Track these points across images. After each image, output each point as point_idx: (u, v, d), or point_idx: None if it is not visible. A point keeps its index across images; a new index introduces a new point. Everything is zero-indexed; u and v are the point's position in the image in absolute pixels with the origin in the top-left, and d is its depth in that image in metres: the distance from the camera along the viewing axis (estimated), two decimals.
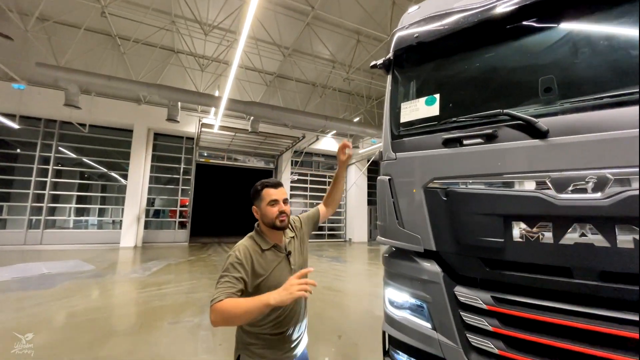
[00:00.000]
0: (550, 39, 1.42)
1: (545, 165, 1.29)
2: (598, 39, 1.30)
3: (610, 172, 1.14)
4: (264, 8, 8.67)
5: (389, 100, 1.96)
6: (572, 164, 1.24)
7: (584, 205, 1.19)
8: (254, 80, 11.58)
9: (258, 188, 1.46)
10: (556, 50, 1.40)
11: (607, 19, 1.29)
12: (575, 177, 1.22)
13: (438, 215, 1.55)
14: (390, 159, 1.81)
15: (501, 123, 1.44)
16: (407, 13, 2.09)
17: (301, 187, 15.10)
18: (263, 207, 1.42)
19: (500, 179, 1.39)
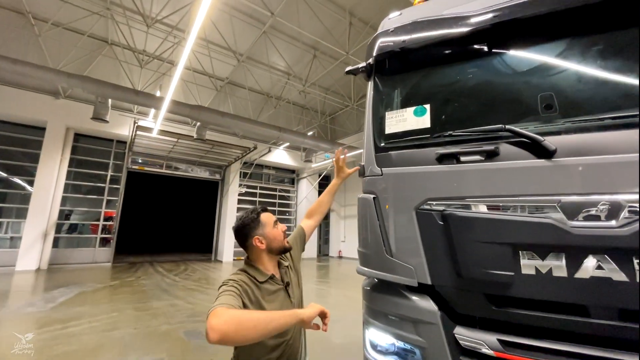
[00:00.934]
0: (551, 51, 1.35)
1: (554, 189, 1.17)
2: (604, 52, 1.25)
3: (624, 198, 1.05)
4: (219, 10, 8.17)
5: (370, 109, 1.74)
6: (582, 188, 1.13)
7: (598, 235, 1.07)
8: (203, 83, 10.76)
9: (254, 216, 1.29)
10: (559, 65, 1.33)
11: (609, 32, 1.26)
12: (586, 203, 1.11)
13: (434, 243, 1.34)
14: (375, 174, 1.56)
15: (502, 140, 1.30)
16: (387, 18, 1.93)
17: (249, 201, 14.29)
18: (269, 231, 1.28)
19: (505, 202, 1.23)
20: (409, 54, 1.66)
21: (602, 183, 1.09)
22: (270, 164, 14.79)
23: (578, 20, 1.27)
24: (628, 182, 1.05)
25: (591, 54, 1.26)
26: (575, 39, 1.30)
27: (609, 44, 1.23)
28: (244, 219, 1.28)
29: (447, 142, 1.42)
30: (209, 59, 9.11)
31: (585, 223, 1.09)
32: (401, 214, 1.43)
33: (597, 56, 1.24)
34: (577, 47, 1.29)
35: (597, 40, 1.25)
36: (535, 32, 1.36)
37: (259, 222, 1.27)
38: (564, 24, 1.30)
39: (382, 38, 1.74)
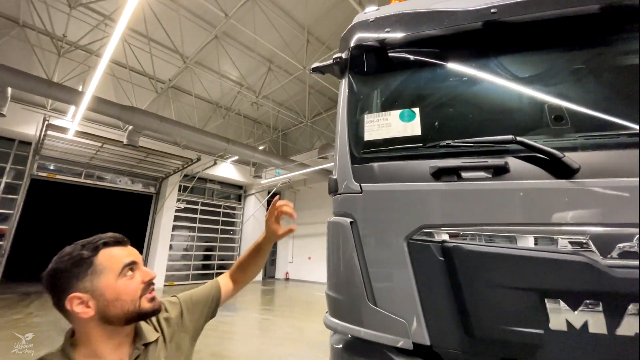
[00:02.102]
0: (562, 55, 1.18)
1: (579, 217, 0.93)
2: (628, 56, 1.09)
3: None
4: (166, 6, 7.42)
5: (345, 111, 1.40)
6: (613, 217, 0.91)
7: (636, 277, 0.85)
8: (142, 84, 9.57)
9: (81, 256, 0.73)
10: (570, 70, 1.16)
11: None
12: (620, 236, 0.89)
13: (433, 286, 1.00)
14: (352, 191, 1.19)
15: (510, 154, 1.06)
16: (363, 12, 1.66)
17: (188, 218, 12.88)
18: (109, 284, 0.73)
19: (522, 232, 0.95)
20: (393, 48, 1.38)
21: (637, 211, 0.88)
22: (215, 178, 13.68)
23: (596, 22, 1.12)
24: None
25: (612, 58, 1.10)
26: (590, 42, 1.14)
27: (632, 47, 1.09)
28: (60, 258, 0.73)
29: (444, 155, 1.14)
30: (149, 58, 8.12)
31: (622, 262, 0.86)
32: (388, 245, 1.08)
33: (620, 60, 1.09)
34: (593, 50, 1.14)
35: (619, 42, 1.10)
36: (543, 34, 1.19)
37: (89, 267, 0.72)
38: (578, 27, 1.14)
39: (361, 28, 1.45)
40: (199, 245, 13.24)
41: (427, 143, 1.16)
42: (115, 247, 0.78)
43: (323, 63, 1.71)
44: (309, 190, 15.03)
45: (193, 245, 12.95)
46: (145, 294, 0.78)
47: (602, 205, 0.91)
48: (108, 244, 0.77)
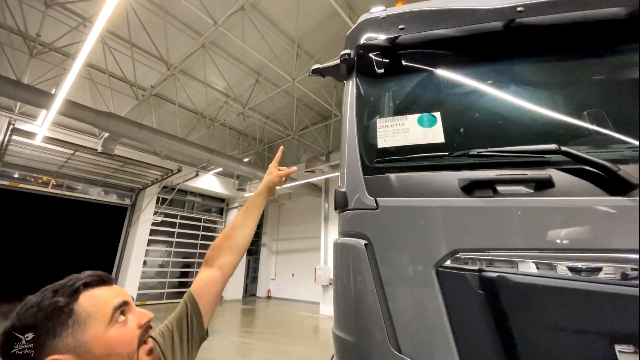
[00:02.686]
0: (600, 58, 1.07)
1: None
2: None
3: None
4: (151, 12, 7.21)
5: (353, 114, 1.22)
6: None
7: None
8: (122, 90, 9.16)
9: (60, 302, 0.55)
10: (611, 75, 1.04)
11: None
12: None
13: (471, 327, 0.80)
14: (366, 207, 1.00)
15: (553, 166, 0.91)
16: (368, 13, 1.53)
17: (166, 232, 12.20)
18: (95, 337, 0.55)
19: (579, 259, 0.79)
20: (408, 47, 1.24)
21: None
22: (196, 190, 13.14)
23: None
24: None
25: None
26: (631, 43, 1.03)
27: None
28: (25, 312, 0.54)
29: (472, 166, 0.97)
30: (131, 64, 7.80)
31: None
32: (413, 274, 0.88)
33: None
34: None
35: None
36: (580, 35, 1.08)
37: (68, 317, 0.55)
38: (617, 29, 1.03)
39: (371, 25, 1.30)
40: (176, 261, 12.49)
41: (453, 152, 0.99)
42: (98, 287, 0.61)
43: (324, 65, 1.56)
44: (293, 205, 14.73)
45: (169, 261, 12.21)
46: (142, 343, 0.61)
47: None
48: (89, 285, 0.59)
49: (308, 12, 7.38)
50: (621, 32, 1.05)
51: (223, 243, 0.95)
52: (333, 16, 7.35)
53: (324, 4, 7.08)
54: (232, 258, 0.94)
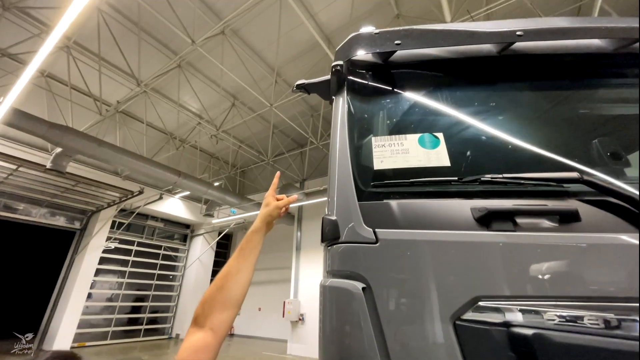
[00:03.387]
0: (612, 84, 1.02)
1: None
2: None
3: None
4: (125, 28, 6.98)
5: (345, 132, 1.07)
6: None
7: None
8: (85, 104, 8.55)
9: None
10: (622, 103, 0.99)
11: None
12: None
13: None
14: (363, 240, 0.81)
15: (573, 197, 0.80)
16: (357, 33, 1.46)
17: (119, 260, 10.99)
18: None
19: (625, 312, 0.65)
20: (404, 64, 1.15)
21: None
22: (158, 215, 12.18)
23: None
24: None
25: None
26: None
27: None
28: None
29: (484, 193, 0.84)
30: (98, 77, 7.35)
31: None
32: (426, 328, 0.69)
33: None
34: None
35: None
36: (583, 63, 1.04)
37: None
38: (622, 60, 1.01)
39: (365, 38, 1.21)
40: (127, 294, 11.15)
41: (461, 176, 0.86)
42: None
43: (310, 80, 1.43)
44: None
45: (120, 294, 10.87)
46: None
47: None
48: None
49: (289, 42, 7.57)
50: (625, 64, 1.03)
51: (215, 297, 0.74)
52: (313, 48, 7.59)
53: (305, 37, 7.32)
54: (227, 315, 0.73)
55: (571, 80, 1.08)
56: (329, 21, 7.00)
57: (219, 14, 6.64)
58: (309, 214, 11.05)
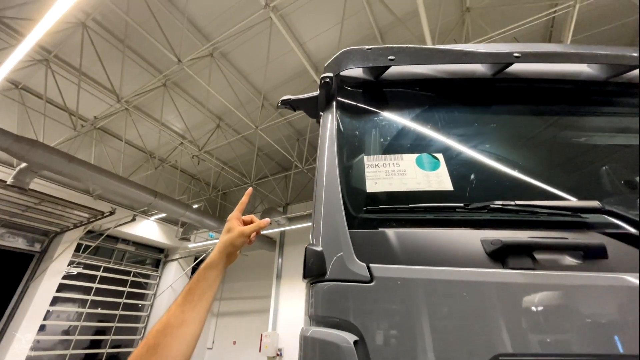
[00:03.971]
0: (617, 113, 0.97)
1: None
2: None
3: None
4: (110, 45, 6.89)
5: (334, 151, 0.96)
6: None
7: None
8: (59, 118, 8.17)
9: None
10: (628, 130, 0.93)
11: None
12: None
13: None
14: (355, 278, 0.66)
15: (592, 229, 0.70)
16: (348, 48, 1.40)
17: (81, 287, 10.03)
18: None
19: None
20: (398, 79, 1.07)
21: None
22: (130, 238, 11.41)
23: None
24: None
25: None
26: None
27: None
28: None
29: (491, 223, 0.73)
30: (76, 91, 7.09)
31: None
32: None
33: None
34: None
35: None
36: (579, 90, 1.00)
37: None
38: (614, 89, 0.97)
39: (357, 53, 1.13)
40: (87, 326, 10.07)
41: (468, 203, 0.75)
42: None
43: (297, 96, 1.34)
44: (242, 259, 13.45)
45: (78, 326, 9.79)
46: None
47: None
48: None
49: (277, 68, 7.68)
50: (621, 92, 1.00)
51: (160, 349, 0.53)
52: (301, 75, 7.73)
53: (293, 64, 7.46)
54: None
55: (568, 106, 1.04)
56: (317, 50, 7.20)
57: (208, 36, 6.70)
58: (292, 239, 10.70)
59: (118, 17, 6.26)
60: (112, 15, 6.34)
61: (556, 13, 5.01)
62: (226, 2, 6.07)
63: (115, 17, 6.36)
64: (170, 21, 6.25)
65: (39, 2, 5.92)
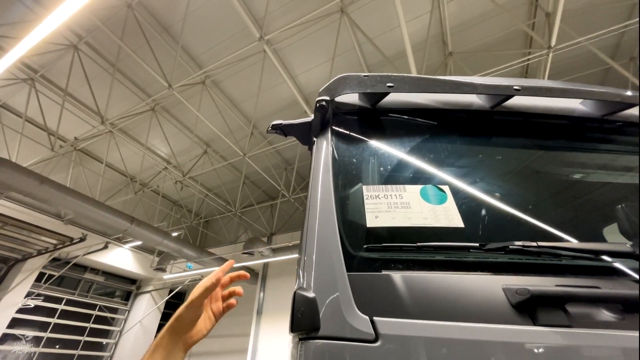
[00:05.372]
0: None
1: None
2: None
3: None
4: (101, 68, 6.87)
5: (329, 178, 0.86)
6: None
7: None
8: (36, 137, 7.84)
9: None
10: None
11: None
12: None
13: None
14: (358, 337, 0.53)
15: (620, 275, 0.61)
16: (345, 74, 1.37)
17: (37, 322, 9.01)
18: None
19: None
20: (397, 107, 1.02)
21: None
22: (100, 267, 10.60)
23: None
24: None
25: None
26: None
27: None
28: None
29: (506, 266, 0.63)
30: (58, 111, 6.89)
31: None
32: None
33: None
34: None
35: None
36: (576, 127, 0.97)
37: None
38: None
39: (353, 78, 1.09)
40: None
41: (482, 243, 0.65)
42: None
43: (288, 121, 1.27)
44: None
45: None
46: None
47: None
48: None
49: (268, 98, 7.81)
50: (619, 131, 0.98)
51: None
52: (291, 106, 7.87)
53: (284, 95, 7.62)
54: None
55: (578, 143, 1.01)
56: (308, 83, 7.42)
57: (201, 65, 6.80)
58: (275, 271, 10.21)
59: (111, 41, 6.30)
60: (106, 40, 6.38)
61: (530, 60, 5.41)
62: (221, 33, 6.25)
63: (109, 42, 6.41)
64: (164, 48, 6.34)
65: (32, 22, 5.92)
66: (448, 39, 6.16)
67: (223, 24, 6.11)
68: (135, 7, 5.75)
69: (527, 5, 5.74)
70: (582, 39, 4.69)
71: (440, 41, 6.29)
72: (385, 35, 6.19)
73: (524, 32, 5.87)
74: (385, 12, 5.84)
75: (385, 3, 5.65)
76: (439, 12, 5.75)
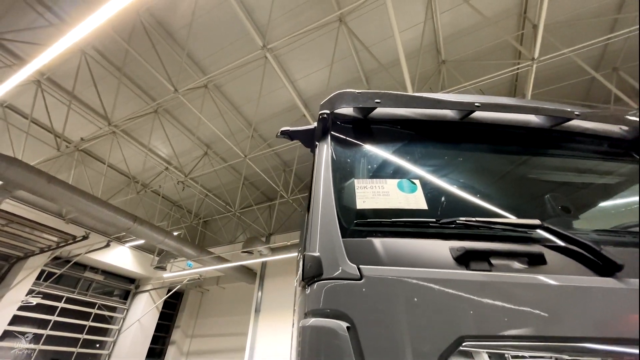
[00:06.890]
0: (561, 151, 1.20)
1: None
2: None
3: None
4: (108, 72, 7.10)
5: (329, 173, 1.12)
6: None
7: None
8: (42, 137, 8.03)
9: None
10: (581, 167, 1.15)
11: None
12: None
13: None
14: (347, 276, 0.80)
15: (540, 243, 0.88)
16: (341, 91, 1.64)
17: (37, 320, 9.14)
18: None
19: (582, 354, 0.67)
20: (383, 118, 1.28)
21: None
22: (100, 265, 10.75)
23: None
24: None
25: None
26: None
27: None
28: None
29: (459, 235, 0.90)
30: (65, 112, 7.10)
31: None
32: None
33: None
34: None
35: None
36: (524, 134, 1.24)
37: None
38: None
39: (348, 94, 1.35)
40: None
41: (437, 218, 0.91)
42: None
43: (296, 128, 1.53)
44: (220, 292, 12.84)
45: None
46: None
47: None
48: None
49: (268, 102, 8.08)
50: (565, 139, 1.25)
51: None
52: (291, 110, 8.14)
53: (284, 99, 7.90)
54: None
55: (522, 148, 1.27)
56: (307, 88, 7.70)
57: (205, 69, 7.06)
58: (273, 271, 10.42)
59: (118, 46, 6.54)
60: (113, 45, 6.62)
61: (518, 70, 5.73)
62: (225, 40, 6.52)
63: (115, 46, 6.64)
64: (169, 53, 6.59)
65: (42, 29, 6.15)
66: (441, 48, 6.48)
67: (226, 30, 6.38)
68: (142, 14, 6.00)
69: (517, 16, 6.07)
70: (566, 51, 5.00)
71: (434, 49, 6.60)
72: (381, 43, 6.49)
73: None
74: (382, 22, 6.14)
75: (382, 13, 5.96)
76: (432, 22, 6.06)
